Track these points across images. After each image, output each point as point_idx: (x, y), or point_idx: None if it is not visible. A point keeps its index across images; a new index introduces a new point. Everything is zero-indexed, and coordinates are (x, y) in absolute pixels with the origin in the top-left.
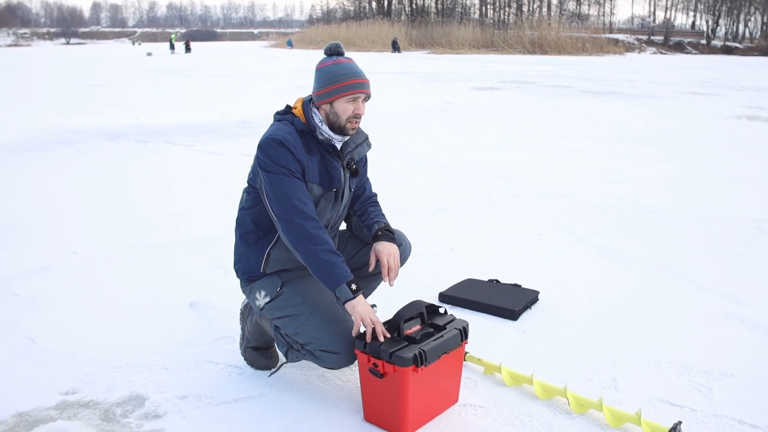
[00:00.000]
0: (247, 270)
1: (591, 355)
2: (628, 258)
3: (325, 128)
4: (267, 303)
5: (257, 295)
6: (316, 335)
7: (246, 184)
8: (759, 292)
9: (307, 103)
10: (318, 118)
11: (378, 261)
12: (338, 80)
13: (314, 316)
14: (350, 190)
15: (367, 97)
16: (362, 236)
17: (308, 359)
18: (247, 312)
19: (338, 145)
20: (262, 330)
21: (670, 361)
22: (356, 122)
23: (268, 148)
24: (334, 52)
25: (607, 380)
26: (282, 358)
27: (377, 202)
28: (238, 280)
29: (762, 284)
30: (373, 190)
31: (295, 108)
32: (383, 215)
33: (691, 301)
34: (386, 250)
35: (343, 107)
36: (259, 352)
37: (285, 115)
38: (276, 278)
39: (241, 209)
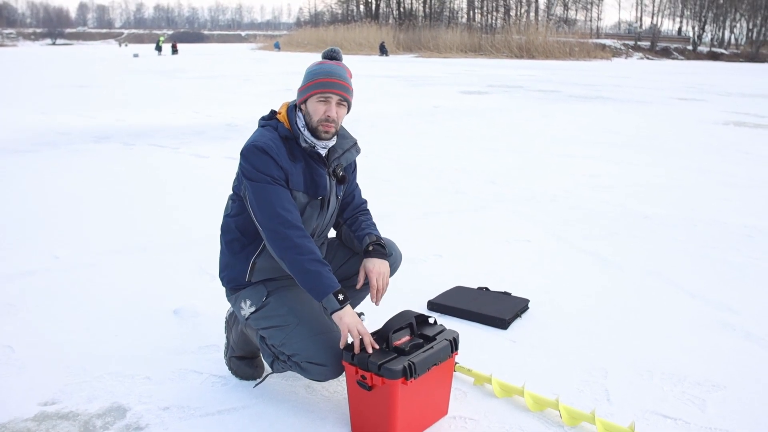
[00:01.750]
0: (233, 278)
1: (583, 366)
2: (620, 265)
3: (307, 134)
4: (252, 313)
5: (242, 305)
6: (303, 347)
7: (231, 191)
8: (751, 301)
9: (292, 108)
10: (302, 123)
11: (366, 278)
12: (312, 78)
13: (301, 327)
14: (337, 197)
15: (344, 101)
16: (352, 246)
17: (294, 371)
18: (232, 321)
19: (323, 152)
20: (247, 339)
21: (662, 371)
22: (329, 126)
23: (250, 155)
24: (327, 56)
25: (599, 391)
26: (267, 368)
27: (368, 210)
28: (223, 287)
29: (754, 292)
30: (362, 194)
31: (280, 113)
32: (375, 226)
33: (683, 309)
34: (376, 269)
35: (314, 107)
36: (244, 361)
37: (269, 120)
38: (262, 287)
39: (226, 216)
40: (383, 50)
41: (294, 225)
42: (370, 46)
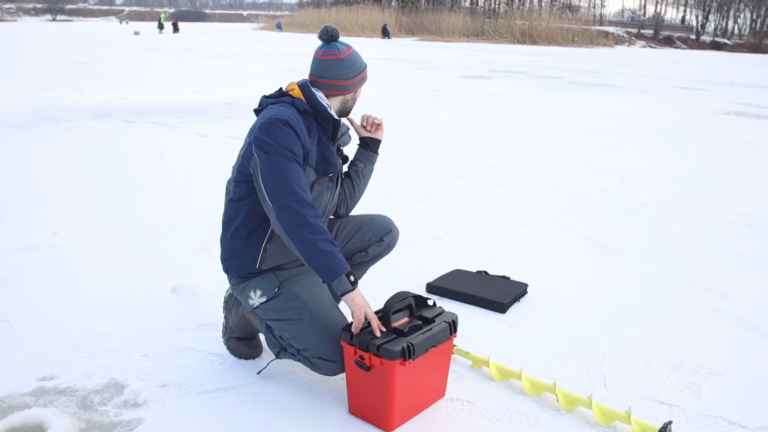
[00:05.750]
0: (241, 267)
1: (580, 351)
2: (618, 251)
3: (332, 110)
4: (262, 303)
5: (251, 294)
6: (315, 342)
7: (234, 174)
8: (749, 289)
9: (307, 84)
10: (326, 101)
11: (364, 124)
12: (361, 72)
13: (313, 321)
14: (341, 175)
15: None
16: (358, 179)
17: (303, 364)
18: (231, 302)
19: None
20: (248, 323)
21: (659, 358)
22: None
23: (273, 128)
24: (330, 36)
25: (596, 376)
26: (267, 350)
27: None
28: (226, 275)
29: (752, 281)
30: None
31: (292, 90)
32: None
33: (681, 296)
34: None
35: (358, 94)
36: (243, 342)
37: (280, 97)
38: (273, 277)
39: (229, 201)
40: (385, 33)
41: (308, 204)
42: (372, 28)
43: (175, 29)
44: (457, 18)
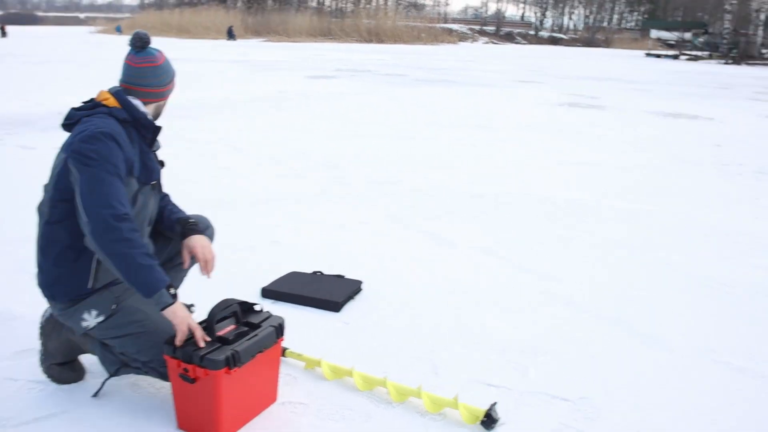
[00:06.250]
0: (70, 290)
1: (412, 342)
2: (451, 242)
3: (150, 117)
4: (100, 323)
5: (85, 316)
6: (161, 351)
7: (51, 193)
8: (573, 270)
9: (121, 93)
10: (143, 108)
11: (192, 257)
12: (173, 79)
13: (159, 331)
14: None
15: None
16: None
17: (149, 375)
18: (49, 327)
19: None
20: (73, 346)
21: (489, 342)
22: None
23: (95, 141)
24: (144, 42)
25: (427, 367)
26: (94, 368)
27: (166, 194)
28: (48, 301)
29: (576, 262)
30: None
31: (106, 99)
32: (177, 207)
33: (510, 281)
34: (199, 243)
35: (166, 102)
36: (66, 366)
37: (94, 108)
38: (108, 294)
39: (46, 223)
40: (231, 34)
41: (126, 218)
42: (218, 29)
43: (3, 34)
44: (303, 18)
